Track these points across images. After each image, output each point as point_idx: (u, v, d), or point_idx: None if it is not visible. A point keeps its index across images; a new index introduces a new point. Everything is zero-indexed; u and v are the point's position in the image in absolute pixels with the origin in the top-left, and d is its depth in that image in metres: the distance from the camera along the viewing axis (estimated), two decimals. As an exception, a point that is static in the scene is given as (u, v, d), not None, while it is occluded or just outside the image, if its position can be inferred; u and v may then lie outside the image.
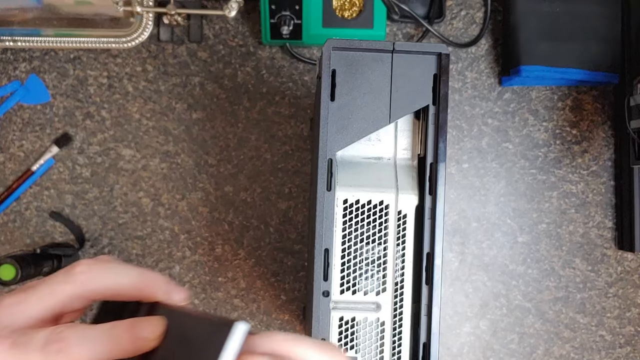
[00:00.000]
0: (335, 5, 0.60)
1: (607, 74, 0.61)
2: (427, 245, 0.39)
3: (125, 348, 0.29)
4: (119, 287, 0.31)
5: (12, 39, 0.61)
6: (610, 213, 0.64)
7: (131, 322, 0.29)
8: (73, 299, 0.31)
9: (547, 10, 0.60)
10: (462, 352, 0.64)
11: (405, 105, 0.39)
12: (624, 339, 0.65)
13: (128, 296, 0.31)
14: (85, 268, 0.31)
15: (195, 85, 0.64)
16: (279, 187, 0.64)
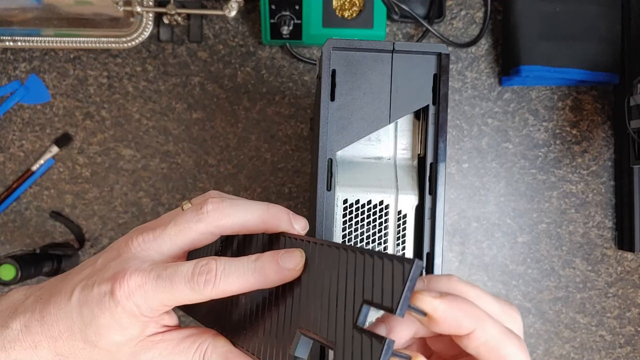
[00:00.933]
0: (335, 5, 0.60)
1: (607, 74, 0.61)
2: (427, 245, 0.39)
3: (270, 279, 0.30)
4: (247, 222, 0.32)
5: (12, 39, 0.61)
6: (610, 213, 0.64)
7: (274, 254, 0.30)
8: (204, 235, 0.32)
9: (547, 10, 0.60)
10: (462, 352, 0.64)
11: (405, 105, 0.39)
12: (624, 339, 0.65)
13: (255, 230, 0.33)
14: (214, 206, 0.32)
15: (195, 85, 0.64)
16: (279, 187, 0.64)
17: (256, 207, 0.32)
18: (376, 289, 0.26)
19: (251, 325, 0.32)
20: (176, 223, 0.32)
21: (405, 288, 0.24)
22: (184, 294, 0.30)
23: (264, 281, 0.30)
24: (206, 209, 0.32)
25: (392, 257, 0.26)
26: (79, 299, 0.30)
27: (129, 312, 0.29)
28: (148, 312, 0.30)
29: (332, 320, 0.28)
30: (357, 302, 0.27)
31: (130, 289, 0.29)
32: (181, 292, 0.29)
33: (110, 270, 0.30)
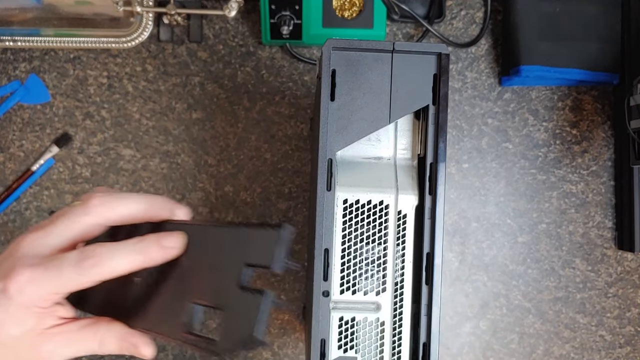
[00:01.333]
0: (335, 5, 0.60)
1: (607, 74, 0.61)
2: (427, 245, 0.39)
3: (153, 257, 0.33)
4: (131, 212, 0.35)
5: (12, 39, 0.61)
6: (610, 213, 0.64)
7: (156, 236, 0.34)
8: (92, 227, 0.34)
9: (547, 10, 0.60)
10: (462, 352, 0.64)
11: (405, 105, 0.39)
12: (624, 339, 0.65)
13: (140, 219, 0.35)
14: (100, 200, 0.34)
15: (195, 85, 0.64)
16: (279, 187, 0.64)
17: (140, 199, 0.35)
18: (255, 253, 0.31)
19: (144, 306, 0.35)
20: (64, 218, 0.34)
21: (279, 248, 0.30)
22: (72, 279, 0.32)
23: (147, 260, 0.33)
24: (92, 203, 0.34)
25: (265, 225, 0.31)
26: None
27: (22, 305, 0.32)
28: (41, 302, 0.32)
29: (219, 287, 0.32)
30: (237, 266, 0.31)
31: (20, 283, 0.31)
32: (69, 277, 0.32)
33: (2, 270, 0.32)
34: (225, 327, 0.31)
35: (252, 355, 0.64)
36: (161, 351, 0.63)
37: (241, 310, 0.30)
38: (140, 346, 0.35)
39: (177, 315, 0.33)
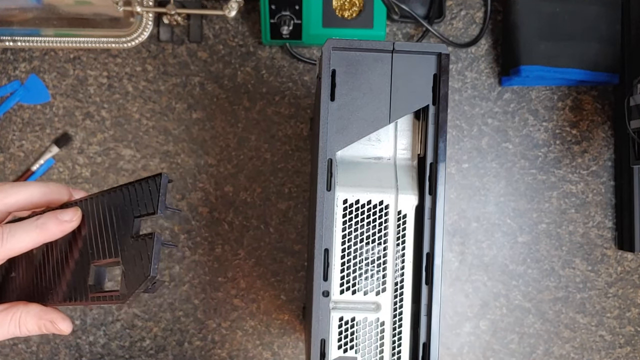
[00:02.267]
0: (335, 5, 0.60)
1: (607, 74, 0.61)
2: (427, 245, 0.39)
3: (52, 231, 0.36)
4: (30, 198, 0.37)
5: (12, 39, 0.61)
6: (610, 213, 0.64)
7: (53, 212, 0.36)
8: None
9: (547, 10, 0.60)
10: (462, 352, 0.64)
11: (405, 105, 0.39)
12: (624, 339, 0.65)
13: (38, 204, 0.37)
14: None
15: (195, 85, 0.64)
16: (279, 187, 0.64)
17: (37, 185, 0.37)
18: (141, 206, 0.34)
19: (56, 283, 0.38)
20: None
21: (160, 194, 0.33)
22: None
23: (47, 234, 0.35)
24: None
25: (145, 179, 0.34)
26: None
27: None
28: None
29: (116, 244, 0.35)
30: (128, 221, 0.35)
31: None
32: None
33: None
34: (125, 276, 0.34)
35: (252, 356, 0.64)
36: (161, 351, 0.63)
37: (135, 256, 0.33)
38: (58, 322, 0.37)
39: (84, 281, 0.36)
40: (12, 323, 0.36)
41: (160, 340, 0.63)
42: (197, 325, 0.63)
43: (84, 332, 0.63)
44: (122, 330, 0.63)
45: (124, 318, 0.63)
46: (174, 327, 0.63)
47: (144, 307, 0.63)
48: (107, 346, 0.64)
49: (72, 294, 0.37)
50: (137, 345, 0.64)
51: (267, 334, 0.64)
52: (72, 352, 0.64)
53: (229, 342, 0.64)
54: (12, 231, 0.35)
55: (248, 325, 0.64)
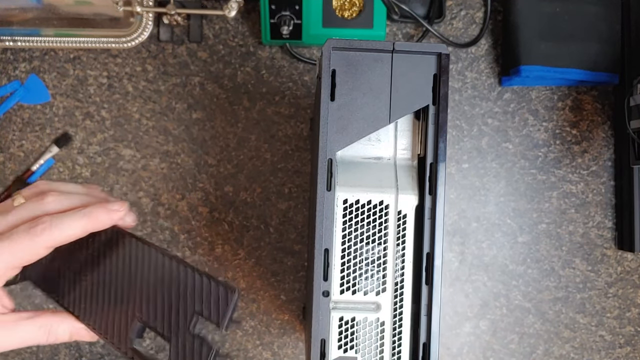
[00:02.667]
0: (335, 5, 0.60)
1: (607, 74, 0.61)
2: (427, 245, 0.39)
3: (100, 220, 0.35)
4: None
5: (12, 39, 0.61)
6: (610, 213, 0.64)
7: (102, 203, 0.36)
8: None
9: (547, 10, 0.60)
10: (462, 352, 0.64)
11: (405, 105, 0.39)
12: (624, 339, 0.65)
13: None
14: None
15: (195, 85, 0.64)
16: (279, 187, 0.64)
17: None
18: (206, 305, 0.33)
19: (94, 304, 0.37)
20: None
21: (230, 312, 0.32)
22: (25, 246, 0.33)
23: (96, 223, 0.35)
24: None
25: (217, 282, 0.33)
26: None
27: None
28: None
29: (168, 318, 0.34)
30: (190, 309, 0.34)
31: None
32: (22, 245, 0.33)
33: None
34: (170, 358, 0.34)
35: (252, 356, 0.64)
36: (161, 351, 0.63)
37: (187, 351, 0.33)
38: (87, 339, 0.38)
39: (125, 328, 0.35)
40: (41, 330, 0.36)
41: (160, 340, 0.63)
42: (197, 325, 0.63)
43: (84, 332, 0.63)
44: (122, 330, 0.63)
45: (124, 318, 0.63)
46: (174, 327, 0.63)
47: (144, 307, 0.63)
48: (107, 346, 0.63)
49: (110, 333, 0.36)
50: (137, 345, 0.63)
51: (267, 334, 0.64)
52: (72, 352, 0.64)
53: (228, 342, 0.64)
54: (60, 218, 0.34)
55: (248, 325, 0.64)
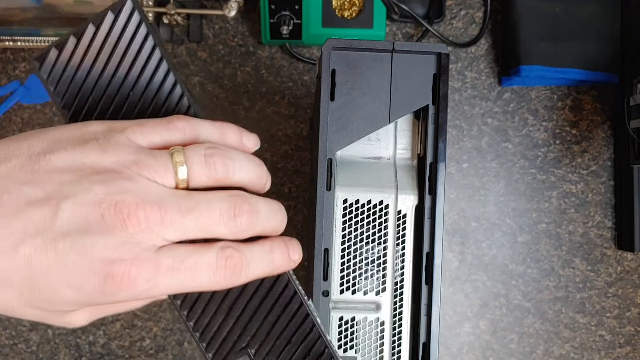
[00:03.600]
0: (335, 5, 0.60)
1: (607, 74, 0.61)
2: (427, 245, 0.39)
3: (278, 270, 0.28)
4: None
5: (12, 39, 0.61)
6: (610, 213, 0.64)
7: (285, 245, 0.28)
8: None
9: (547, 10, 0.60)
10: (462, 352, 0.64)
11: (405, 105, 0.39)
12: (624, 339, 0.65)
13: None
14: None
15: (195, 85, 0.64)
16: (279, 187, 0.64)
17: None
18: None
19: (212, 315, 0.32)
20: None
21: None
22: (201, 284, 0.25)
23: (273, 273, 0.28)
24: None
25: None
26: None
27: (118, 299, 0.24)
28: (143, 299, 0.27)
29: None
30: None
31: (132, 281, 0.24)
32: (200, 283, 0.25)
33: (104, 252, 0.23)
34: None
35: (252, 355, 0.64)
36: (161, 351, 0.63)
37: None
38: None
39: (231, 350, 0.31)
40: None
41: (160, 340, 0.63)
42: (197, 325, 0.63)
43: (84, 332, 0.63)
44: (122, 330, 0.63)
45: (124, 318, 0.63)
46: (174, 327, 0.63)
47: (144, 307, 0.63)
48: (107, 346, 0.63)
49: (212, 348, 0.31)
50: (137, 345, 0.63)
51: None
52: (72, 352, 0.64)
53: (229, 342, 0.64)
54: (251, 263, 0.26)
55: (248, 325, 0.64)
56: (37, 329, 0.63)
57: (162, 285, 0.24)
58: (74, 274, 0.23)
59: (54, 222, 0.22)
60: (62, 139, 0.25)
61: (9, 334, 0.63)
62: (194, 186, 0.26)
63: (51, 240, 0.22)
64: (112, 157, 0.24)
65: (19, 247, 0.22)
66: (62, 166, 0.24)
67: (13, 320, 0.63)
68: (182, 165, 0.25)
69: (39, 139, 0.25)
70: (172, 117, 0.27)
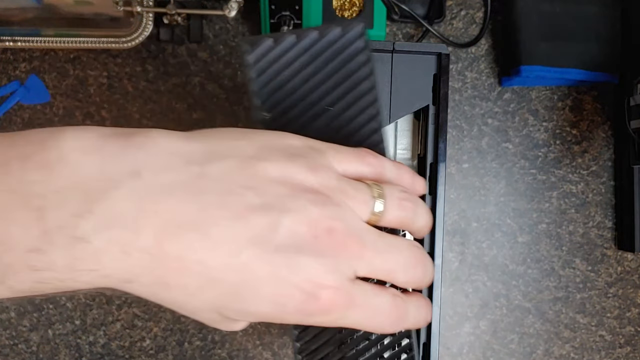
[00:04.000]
0: (335, 5, 0.60)
1: (607, 74, 0.61)
2: (427, 245, 0.39)
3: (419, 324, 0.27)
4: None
5: (12, 39, 0.61)
6: (610, 213, 0.64)
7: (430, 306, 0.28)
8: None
9: (548, 10, 0.60)
10: (462, 352, 0.64)
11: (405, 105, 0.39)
12: (624, 339, 0.65)
13: None
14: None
15: (195, 85, 0.64)
16: (279, 187, 0.64)
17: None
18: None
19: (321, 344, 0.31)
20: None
21: None
22: (374, 326, 0.25)
23: (414, 327, 0.28)
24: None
25: None
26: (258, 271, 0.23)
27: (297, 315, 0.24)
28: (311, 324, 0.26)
29: None
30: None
31: (331, 308, 0.24)
32: (374, 324, 0.25)
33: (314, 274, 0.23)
34: None
35: (252, 356, 0.64)
36: (161, 351, 0.63)
37: None
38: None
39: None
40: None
41: (160, 340, 0.63)
42: (197, 325, 0.63)
43: (84, 332, 0.63)
44: (122, 330, 0.63)
45: (124, 318, 0.63)
46: (174, 327, 0.63)
47: (144, 307, 0.63)
48: (107, 346, 0.64)
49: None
50: (137, 345, 0.64)
51: (267, 334, 0.64)
52: (72, 352, 0.64)
53: (229, 342, 0.64)
54: (409, 309, 0.26)
55: (248, 325, 0.64)
56: (37, 329, 0.63)
57: (349, 318, 0.24)
58: (281, 290, 0.23)
59: (273, 235, 0.22)
60: (270, 147, 0.24)
61: (9, 334, 0.63)
62: (382, 223, 0.26)
63: (269, 252, 0.22)
64: (319, 178, 0.24)
65: (240, 252, 0.22)
66: (276, 176, 0.23)
67: (13, 320, 0.63)
68: (379, 200, 0.25)
69: (247, 141, 0.24)
70: (362, 150, 0.27)
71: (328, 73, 0.29)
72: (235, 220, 0.22)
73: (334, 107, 0.29)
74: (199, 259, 0.22)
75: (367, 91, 0.29)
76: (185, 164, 0.22)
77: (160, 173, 0.21)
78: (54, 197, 0.20)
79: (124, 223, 0.21)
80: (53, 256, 0.20)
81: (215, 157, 0.23)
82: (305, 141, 0.25)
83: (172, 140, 0.23)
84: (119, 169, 0.21)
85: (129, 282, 0.22)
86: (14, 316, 0.63)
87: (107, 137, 0.22)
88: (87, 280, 0.21)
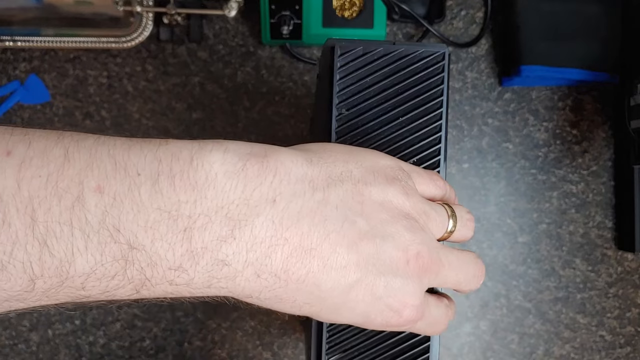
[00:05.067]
0: (335, 5, 0.60)
1: (607, 74, 0.61)
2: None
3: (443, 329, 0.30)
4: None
5: (12, 39, 0.61)
6: (610, 213, 0.64)
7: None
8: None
9: (548, 10, 0.60)
10: (462, 352, 0.64)
11: (406, 105, 0.39)
12: (624, 339, 0.65)
13: None
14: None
15: (195, 85, 0.64)
16: (279, 187, 0.63)
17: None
18: None
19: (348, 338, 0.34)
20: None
21: None
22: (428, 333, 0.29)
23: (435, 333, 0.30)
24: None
25: None
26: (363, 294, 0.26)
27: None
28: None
29: None
30: None
31: (408, 324, 0.27)
32: (431, 331, 0.29)
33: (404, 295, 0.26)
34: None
35: (252, 356, 0.64)
36: (161, 351, 0.63)
37: None
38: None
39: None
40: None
41: (160, 340, 0.63)
42: (197, 325, 0.63)
43: (84, 332, 0.63)
44: (122, 330, 0.63)
45: (123, 318, 0.63)
46: (174, 327, 0.63)
47: (143, 307, 0.63)
48: (107, 346, 0.63)
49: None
50: (137, 345, 0.63)
51: (267, 334, 0.64)
52: (72, 352, 0.64)
53: (229, 342, 0.64)
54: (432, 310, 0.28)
55: (248, 326, 0.64)
56: (37, 329, 0.63)
57: (415, 327, 0.28)
58: (374, 308, 0.26)
59: (376, 260, 0.25)
60: (372, 170, 0.27)
61: (9, 334, 0.63)
62: (451, 239, 0.29)
63: (372, 276, 0.25)
64: (411, 202, 0.27)
65: (348, 276, 0.25)
66: (378, 201, 0.26)
67: (13, 320, 0.63)
68: (453, 221, 0.29)
69: (354, 164, 0.27)
70: (434, 173, 0.30)
71: (405, 87, 0.32)
72: (349, 247, 0.24)
73: (403, 119, 0.32)
74: (316, 282, 0.24)
75: (436, 108, 0.32)
76: (311, 190, 0.24)
77: (291, 200, 0.24)
78: (200, 219, 0.22)
79: (260, 248, 0.23)
80: (193, 275, 0.22)
81: (332, 182, 0.25)
82: (396, 162, 0.28)
83: (299, 164, 0.25)
84: (258, 195, 0.23)
85: (249, 297, 0.24)
86: (14, 316, 0.63)
87: (246, 159, 0.24)
88: (213, 293, 0.24)
